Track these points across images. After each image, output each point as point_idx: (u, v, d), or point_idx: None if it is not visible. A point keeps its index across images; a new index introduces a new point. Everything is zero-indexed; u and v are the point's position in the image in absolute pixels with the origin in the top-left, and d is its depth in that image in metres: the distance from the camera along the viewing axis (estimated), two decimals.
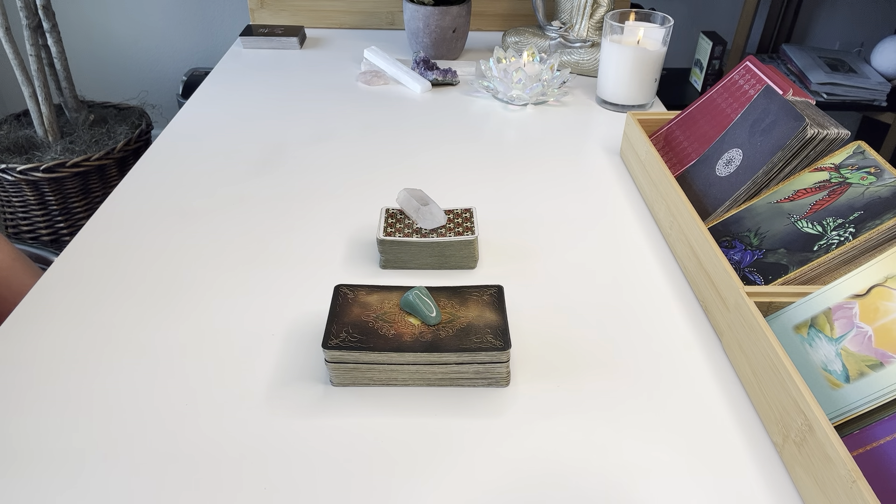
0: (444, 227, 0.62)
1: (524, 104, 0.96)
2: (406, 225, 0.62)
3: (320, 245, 0.65)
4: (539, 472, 0.44)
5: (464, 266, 0.62)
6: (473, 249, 0.61)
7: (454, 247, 0.60)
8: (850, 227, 0.53)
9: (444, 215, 0.63)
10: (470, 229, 0.61)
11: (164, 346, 0.53)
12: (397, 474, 0.44)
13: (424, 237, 0.60)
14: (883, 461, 0.40)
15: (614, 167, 0.81)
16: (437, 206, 0.62)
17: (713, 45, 1.69)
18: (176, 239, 0.65)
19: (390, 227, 0.62)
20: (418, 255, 0.61)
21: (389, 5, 1.21)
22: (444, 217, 0.62)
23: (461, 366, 0.48)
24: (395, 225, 0.62)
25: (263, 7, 1.21)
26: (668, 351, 0.54)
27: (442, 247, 0.60)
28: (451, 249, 0.61)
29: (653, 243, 0.67)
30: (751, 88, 0.70)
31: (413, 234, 0.61)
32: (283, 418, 0.47)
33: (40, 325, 0.54)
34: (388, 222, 0.62)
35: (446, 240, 0.60)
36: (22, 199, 1.54)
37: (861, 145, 0.59)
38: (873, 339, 0.44)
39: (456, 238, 0.60)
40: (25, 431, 0.46)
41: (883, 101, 1.70)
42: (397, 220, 0.63)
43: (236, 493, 0.42)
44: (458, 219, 0.63)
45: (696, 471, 0.44)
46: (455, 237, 0.60)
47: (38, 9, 1.43)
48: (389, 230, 0.61)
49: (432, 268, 0.62)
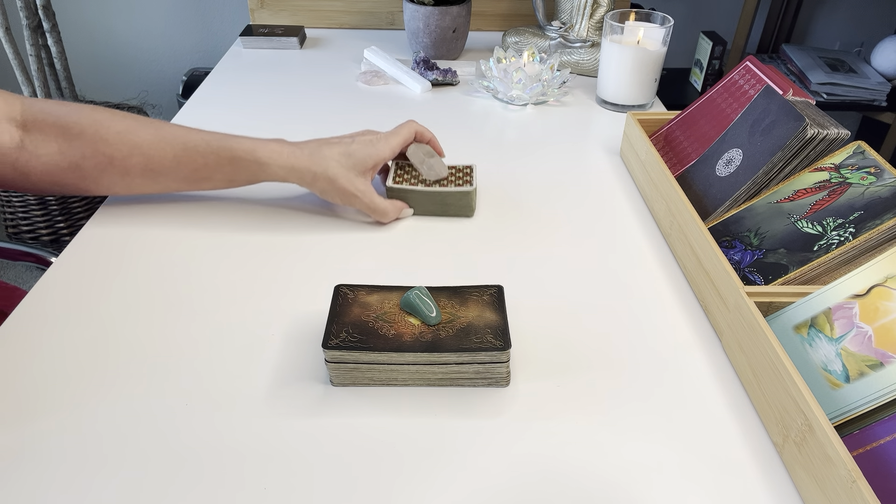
0: (447, 179, 0.69)
1: (524, 104, 0.96)
2: (413, 176, 0.69)
3: (321, 244, 0.65)
4: (539, 471, 0.44)
5: (462, 215, 0.69)
6: (471, 199, 0.68)
7: (454, 196, 0.68)
8: (850, 227, 0.53)
9: (447, 169, 0.70)
10: (469, 182, 0.69)
11: (163, 346, 0.53)
12: (397, 474, 0.44)
13: (428, 187, 0.68)
14: (883, 461, 0.40)
15: (614, 167, 0.81)
16: (440, 161, 0.70)
17: (713, 45, 1.70)
18: (176, 239, 0.65)
19: (399, 176, 0.69)
20: (422, 201, 0.69)
21: (389, 5, 1.21)
22: (447, 170, 0.70)
23: (461, 366, 0.48)
24: (403, 175, 0.69)
25: (263, 7, 1.21)
26: (668, 351, 0.54)
27: (443, 196, 0.68)
28: (451, 199, 0.68)
29: (653, 243, 0.67)
30: (751, 88, 0.70)
31: (419, 184, 0.68)
32: (283, 418, 0.47)
33: (40, 325, 0.54)
34: (398, 172, 0.70)
35: (447, 190, 0.68)
36: (22, 199, 1.54)
37: (861, 145, 0.59)
38: (873, 339, 0.44)
39: (456, 189, 0.68)
40: (24, 431, 0.46)
41: (883, 101, 1.70)
42: (405, 172, 0.70)
43: (236, 493, 0.42)
44: (459, 173, 0.70)
45: (696, 471, 0.44)
46: (455, 188, 0.68)
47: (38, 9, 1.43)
48: (398, 179, 0.69)
49: (434, 215, 0.69)
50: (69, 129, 0.61)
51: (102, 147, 0.62)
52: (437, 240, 0.66)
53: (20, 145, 0.60)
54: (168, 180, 0.66)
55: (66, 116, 0.61)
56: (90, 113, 0.62)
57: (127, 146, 0.63)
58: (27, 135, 0.60)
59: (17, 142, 0.59)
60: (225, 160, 0.64)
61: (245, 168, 0.65)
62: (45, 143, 0.60)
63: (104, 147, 0.62)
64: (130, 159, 0.63)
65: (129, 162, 0.63)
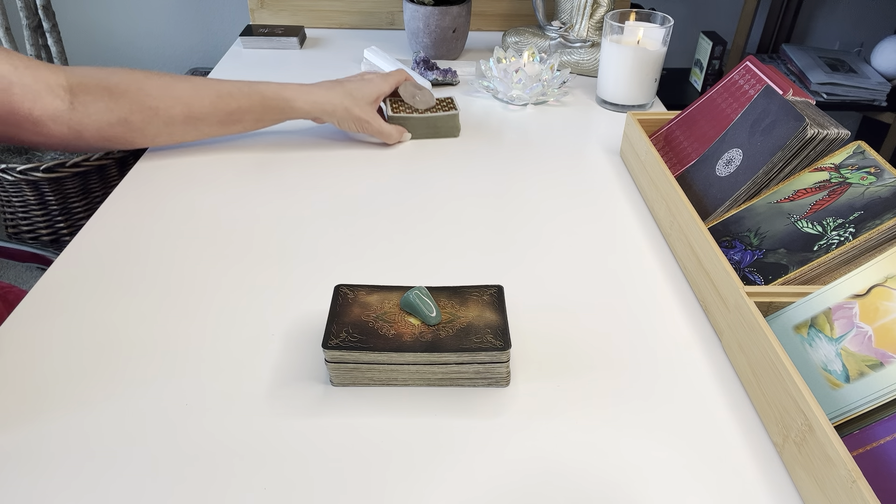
0: (435, 107, 0.85)
1: (524, 104, 0.96)
2: (407, 107, 0.85)
3: (321, 244, 0.65)
4: (539, 472, 0.44)
5: (450, 135, 0.86)
6: (457, 121, 0.85)
7: (443, 119, 0.84)
8: (850, 227, 0.53)
9: (434, 98, 0.86)
10: (453, 107, 0.85)
11: (163, 346, 0.53)
12: (397, 474, 0.44)
13: (421, 114, 0.84)
14: (883, 461, 0.40)
15: (614, 167, 0.81)
16: (428, 92, 0.85)
17: (713, 45, 1.70)
18: (176, 239, 0.65)
19: (395, 109, 0.84)
20: (417, 126, 0.84)
21: (389, 5, 1.21)
22: (434, 99, 0.86)
23: (461, 366, 0.48)
24: (399, 108, 0.85)
25: (263, 7, 1.21)
26: (668, 351, 0.54)
27: (434, 120, 0.84)
28: (440, 122, 0.84)
29: (653, 243, 0.67)
30: (751, 88, 0.70)
31: (413, 112, 0.84)
32: (283, 418, 0.47)
33: (40, 325, 0.54)
34: (394, 106, 0.85)
35: (437, 115, 0.84)
36: (22, 199, 1.54)
37: (861, 145, 0.59)
38: (873, 339, 0.44)
39: (444, 113, 0.84)
40: (24, 430, 0.46)
41: (883, 101, 1.70)
42: (400, 105, 0.85)
43: (236, 493, 0.42)
44: (443, 103, 0.86)
45: (696, 471, 0.44)
46: (443, 112, 0.84)
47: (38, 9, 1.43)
48: (396, 110, 0.84)
49: (427, 137, 0.85)
50: (113, 89, 0.70)
51: (147, 101, 0.71)
52: (438, 239, 0.66)
53: (72, 107, 0.68)
54: (206, 126, 0.76)
55: (108, 78, 0.70)
56: (128, 73, 0.72)
57: (169, 98, 0.72)
58: (75, 97, 0.68)
59: (68, 104, 0.68)
60: (256, 102, 0.76)
61: (273, 106, 0.77)
62: (94, 102, 0.69)
63: (149, 101, 0.71)
64: (173, 109, 0.73)
65: (172, 112, 0.73)
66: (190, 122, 0.75)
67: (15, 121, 0.65)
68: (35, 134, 0.67)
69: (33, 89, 0.65)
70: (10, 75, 0.64)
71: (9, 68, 0.64)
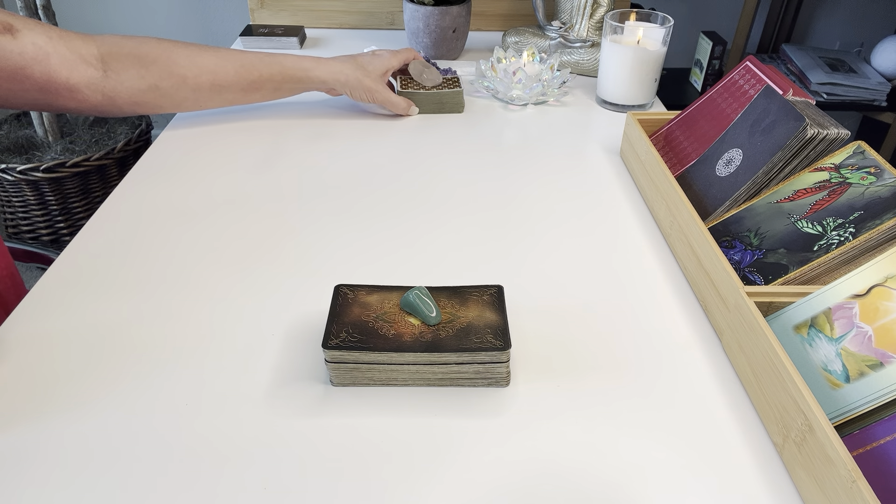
0: (441, 84, 0.92)
1: (524, 104, 0.96)
2: (415, 84, 0.92)
3: (320, 244, 0.65)
4: (539, 472, 0.44)
5: (454, 111, 0.92)
6: (461, 97, 0.92)
7: (448, 95, 0.91)
8: (850, 227, 0.53)
9: (441, 76, 0.93)
10: (458, 85, 0.92)
11: (163, 346, 0.53)
12: (397, 474, 0.44)
13: (428, 90, 0.91)
14: (883, 461, 0.40)
15: (614, 167, 0.81)
16: (435, 71, 0.92)
17: (713, 45, 1.70)
18: (176, 239, 0.65)
19: (404, 85, 0.92)
20: (424, 101, 0.91)
21: (389, 5, 1.21)
22: (441, 77, 0.93)
23: (461, 366, 0.48)
24: (408, 84, 0.92)
25: (263, 7, 1.21)
26: (668, 351, 0.54)
27: (440, 96, 0.91)
28: (446, 98, 0.91)
29: (653, 243, 0.67)
30: (751, 88, 0.70)
31: (420, 89, 0.91)
32: (283, 418, 0.47)
33: (40, 325, 0.54)
34: (403, 83, 0.92)
35: (443, 91, 0.91)
36: (22, 199, 1.54)
37: (861, 145, 0.59)
38: (873, 339, 0.44)
39: (449, 90, 0.91)
40: (24, 430, 0.46)
41: (883, 101, 1.70)
42: (409, 81, 0.92)
43: (236, 493, 0.42)
44: (448, 80, 0.93)
45: (696, 471, 0.44)
46: (448, 89, 0.91)
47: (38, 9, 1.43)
48: (404, 86, 0.91)
49: (433, 112, 0.92)
50: (143, 58, 0.74)
51: (176, 69, 0.76)
52: (437, 239, 0.66)
53: (105, 75, 0.72)
54: (230, 93, 0.82)
55: (137, 48, 0.75)
56: (157, 42, 0.76)
57: (196, 66, 0.78)
58: (108, 66, 0.73)
59: (101, 72, 0.72)
60: (276, 71, 0.82)
61: (291, 76, 0.83)
62: (125, 70, 0.73)
63: (177, 69, 0.76)
64: (200, 77, 0.78)
65: (199, 80, 0.78)
66: (215, 90, 0.80)
67: (54, 88, 0.69)
68: (71, 100, 0.71)
69: (69, 58, 0.69)
70: (47, 45, 0.67)
71: (45, 39, 0.67)
